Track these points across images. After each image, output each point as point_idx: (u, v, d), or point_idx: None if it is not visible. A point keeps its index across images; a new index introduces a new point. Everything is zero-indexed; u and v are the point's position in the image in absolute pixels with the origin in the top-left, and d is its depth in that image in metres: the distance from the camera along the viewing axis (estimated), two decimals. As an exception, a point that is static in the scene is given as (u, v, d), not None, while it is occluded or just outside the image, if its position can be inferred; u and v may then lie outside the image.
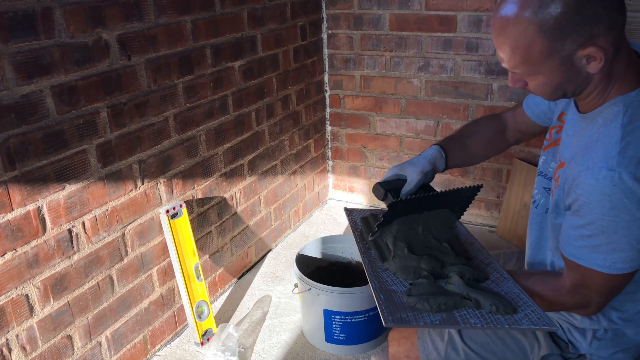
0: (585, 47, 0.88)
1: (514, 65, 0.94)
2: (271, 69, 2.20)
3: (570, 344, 1.17)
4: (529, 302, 0.98)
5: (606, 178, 0.89)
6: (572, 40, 0.87)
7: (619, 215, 0.90)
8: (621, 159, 0.89)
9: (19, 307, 1.33)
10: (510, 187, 2.40)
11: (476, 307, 0.97)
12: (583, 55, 0.89)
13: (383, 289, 1.01)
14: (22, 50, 1.24)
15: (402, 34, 2.42)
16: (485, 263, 1.14)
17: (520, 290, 1.02)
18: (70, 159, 1.40)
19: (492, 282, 1.06)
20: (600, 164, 0.90)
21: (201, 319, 1.83)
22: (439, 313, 0.94)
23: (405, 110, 2.55)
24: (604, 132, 0.94)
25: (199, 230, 1.93)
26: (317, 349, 1.85)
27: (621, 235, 0.91)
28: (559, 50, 0.89)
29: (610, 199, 0.89)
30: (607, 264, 0.94)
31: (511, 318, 0.94)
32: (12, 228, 1.28)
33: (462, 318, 0.94)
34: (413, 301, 0.96)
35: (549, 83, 0.95)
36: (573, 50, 0.89)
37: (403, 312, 0.93)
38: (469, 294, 0.98)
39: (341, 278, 1.99)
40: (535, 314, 0.95)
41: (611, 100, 0.96)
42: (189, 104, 1.78)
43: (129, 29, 1.51)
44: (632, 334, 1.11)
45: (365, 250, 1.19)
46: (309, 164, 2.67)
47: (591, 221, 0.93)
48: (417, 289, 1.00)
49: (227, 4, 1.87)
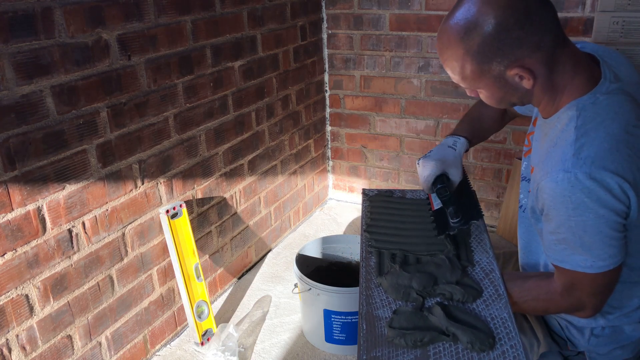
0: (512, 68, 0.95)
1: (457, 81, 1.04)
2: (271, 69, 2.20)
3: (568, 341, 1.17)
4: (512, 333, 0.97)
5: (564, 180, 0.92)
6: (497, 63, 0.95)
7: (584, 215, 0.92)
8: (576, 160, 0.92)
9: (19, 307, 1.33)
10: (510, 187, 2.40)
11: (453, 342, 0.97)
12: (512, 75, 0.96)
13: (369, 315, 1.04)
14: (22, 50, 1.24)
15: (402, 34, 2.42)
16: (486, 272, 1.13)
17: (508, 315, 1.01)
18: (70, 159, 1.40)
19: (483, 302, 1.05)
20: (557, 167, 0.93)
21: (201, 319, 1.83)
22: (414, 349, 0.96)
23: (405, 110, 2.55)
24: (560, 136, 0.98)
25: (199, 230, 1.93)
26: (317, 349, 1.85)
27: (591, 234, 0.94)
28: (488, 71, 0.97)
29: (572, 200, 0.92)
30: (588, 264, 0.96)
31: (485, 357, 0.93)
32: (12, 228, 1.28)
33: (435, 357, 0.94)
34: (392, 335, 0.98)
35: (492, 96, 1.04)
36: (501, 71, 0.96)
37: (379, 349, 0.96)
38: (448, 329, 0.98)
39: (341, 278, 1.99)
40: (514, 350, 0.94)
41: (566, 106, 0.99)
42: (189, 104, 1.78)
43: (129, 29, 1.51)
44: (630, 330, 1.11)
45: (367, 255, 1.21)
46: (309, 164, 2.67)
47: (560, 224, 0.96)
48: (399, 319, 1.01)
49: (227, 4, 1.88)
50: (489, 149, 2.44)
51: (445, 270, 1.11)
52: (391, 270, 1.13)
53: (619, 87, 0.98)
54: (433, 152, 1.27)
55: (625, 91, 0.98)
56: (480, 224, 1.30)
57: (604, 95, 0.97)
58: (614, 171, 0.90)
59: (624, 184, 0.90)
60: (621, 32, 1.89)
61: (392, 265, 1.15)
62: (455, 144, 1.30)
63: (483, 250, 1.21)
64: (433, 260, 1.15)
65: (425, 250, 1.20)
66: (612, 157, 0.91)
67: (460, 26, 0.95)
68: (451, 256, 1.16)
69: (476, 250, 1.21)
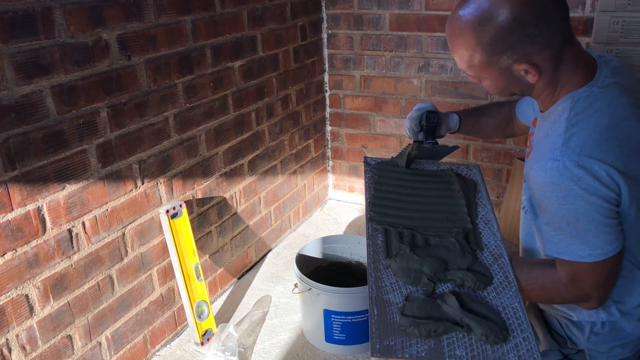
0: (520, 63, 0.97)
1: (463, 68, 1.04)
2: (271, 69, 2.20)
3: (568, 339, 1.17)
4: (524, 324, 0.97)
5: (552, 168, 0.93)
6: (507, 57, 0.96)
7: (575, 203, 0.93)
8: (565, 149, 0.93)
9: (19, 307, 1.33)
10: (510, 187, 2.40)
11: (467, 333, 0.96)
12: (519, 69, 0.98)
13: (379, 299, 1.02)
14: (22, 50, 1.24)
15: (402, 34, 2.42)
16: (495, 256, 1.12)
17: (519, 305, 1.01)
18: (70, 159, 1.40)
19: (494, 290, 1.05)
20: (546, 156, 0.95)
21: (201, 319, 1.83)
22: (427, 339, 0.95)
23: (405, 110, 2.55)
24: (552, 127, 1.00)
25: (199, 230, 1.93)
26: (317, 349, 1.85)
27: (584, 221, 0.95)
28: (496, 63, 0.98)
29: (561, 188, 0.93)
30: (586, 253, 0.97)
31: (499, 350, 0.94)
32: (12, 228, 1.28)
33: (449, 348, 0.94)
34: (405, 324, 0.96)
35: (495, 86, 1.05)
36: (509, 64, 0.98)
37: (391, 338, 0.95)
38: (462, 320, 0.97)
39: (341, 278, 1.99)
40: (527, 342, 0.94)
41: (561, 99, 1.01)
42: (189, 104, 1.78)
43: (129, 29, 1.51)
44: (630, 328, 1.11)
45: (373, 233, 1.18)
46: (309, 164, 2.67)
47: (553, 212, 0.98)
48: (411, 307, 1.00)
49: (227, 4, 1.88)
50: (489, 149, 2.44)
51: (456, 255, 1.10)
52: (400, 252, 1.10)
53: (616, 82, 0.99)
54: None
55: (621, 84, 1.00)
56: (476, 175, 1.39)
57: (600, 89, 0.98)
58: (601, 159, 0.91)
59: (612, 172, 0.91)
60: (621, 32, 1.89)
61: (401, 246, 1.12)
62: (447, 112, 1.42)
63: (490, 232, 1.19)
64: (443, 243, 1.13)
65: (434, 229, 1.17)
66: (601, 147, 0.92)
67: (474, 16, 0.95)
68: (460, 239, 1.15)
69: (484, 232, 1.19)
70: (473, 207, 1.26)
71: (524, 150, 2.37)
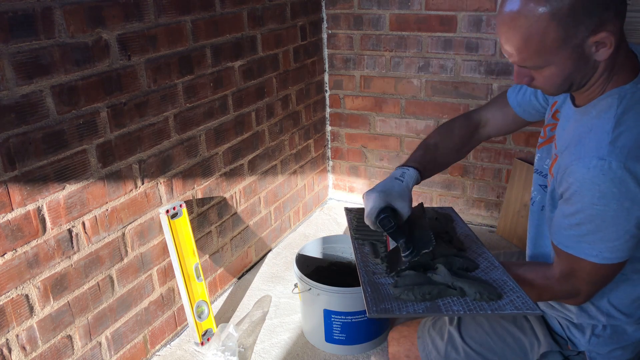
0: (597, 33, 0.88)
1: (524, 59, 0.94)
2: (271, 69, 2.20)
3: (569, 341, 1.17)
4: (515, 288, 0.99)
5: (597, 167, 0.91)
6: (585, 27, 0.88)
7: (608, 205, 0.91)
8: (612, 148, 0.90)
9: (19, 307, 1.33)
10: (510, 187, 2.40)
11: (461, 295, 0.98)
12: (593, 42, 0.90)
13: (371, 282, 1.03)
14: (22, 50, 1.24)
15: (402, 34, 2.42)
16: (478, 253, 1.15)
17: (508, 278, 1.03)
18: (70, 159, 1.40)
19: (481, 271, 1.07)
20: (591, 153, 0.92)
21: (201, 319, 1.83)
22: (422, 302, 0.96)
23: (405, 110, 2.55)
24: (596, 123, 0.96)
25: (199, 230, 1.93)
26: (317, 349, 1.85)
27: (609, 224, 0.93)
28: (572, 38, 0.89)
29: (600, 188, 0.91)
30: (594, 253, 0.96)
31: (495, 304, 0.95)
32: (12, 228, 1.28)
33: (445, 306, 0.95)
34: (398, 292, 0.97)
35: (560, 74, 0.94)
36: (585, 37, 0.89)
37: (387, 303, 0.95)
38: (454, 283, 0.99)
39: (341, 278, 1.99)
40: (520, 299, 0.96)
41: (606, 93, 0.97)
42: (189, 104, 1.78)
43: (129, 29, 1.51)
44: (632, 330, 1.11)
45: (359, 245, 1.21)
46: (309, 164, 2.67)
47: (581, 209, 0.95)
48: (404, 280, 1.01)
49: (227, 4, 1.88)
50: (489, 149, 2.44)
51: (442, 247, 1.12)
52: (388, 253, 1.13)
53: None
54: (378, 185, 1.14)
55: None
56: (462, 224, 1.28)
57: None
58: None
59: None
60: (621, 32, 1.88)
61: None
62: (402, 176, 1.15)
63: (471, 240, 1.21)
64: None
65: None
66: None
67: None
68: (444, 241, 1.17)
69: (465, 241, 1.21)
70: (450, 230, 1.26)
71: (524, 150, 2.37)
